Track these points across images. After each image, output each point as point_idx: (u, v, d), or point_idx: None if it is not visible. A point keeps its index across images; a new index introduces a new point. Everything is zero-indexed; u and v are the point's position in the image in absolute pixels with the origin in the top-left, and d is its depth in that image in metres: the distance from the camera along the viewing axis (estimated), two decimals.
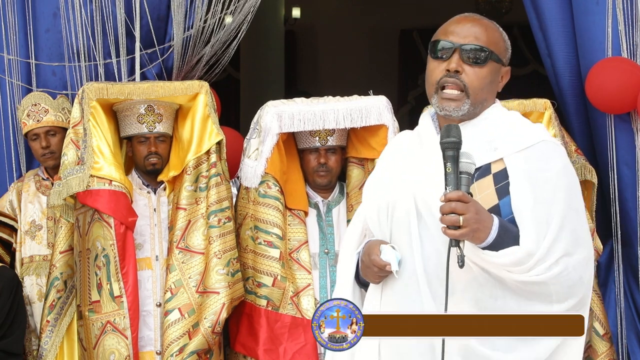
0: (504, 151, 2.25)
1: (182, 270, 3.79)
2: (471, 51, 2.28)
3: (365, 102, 3.90)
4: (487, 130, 2.30)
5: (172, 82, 4.04)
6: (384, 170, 2.46)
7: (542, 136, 2.30)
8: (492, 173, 2.24)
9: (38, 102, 4.26)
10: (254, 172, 3.88)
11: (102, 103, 3.88)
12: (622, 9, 4.15)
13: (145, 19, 4.47)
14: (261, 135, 3.89)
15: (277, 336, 3.77)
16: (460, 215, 2.05)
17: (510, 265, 2.13)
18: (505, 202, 2.20)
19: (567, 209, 2.19)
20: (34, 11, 4.54)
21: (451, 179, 2.10)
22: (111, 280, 3.73)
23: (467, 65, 2.27)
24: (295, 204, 3.92)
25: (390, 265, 2.24)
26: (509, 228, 2.16)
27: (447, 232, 2.07)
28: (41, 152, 4.24)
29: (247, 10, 4.57)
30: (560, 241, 2.15)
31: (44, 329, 3.91)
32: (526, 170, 2.21)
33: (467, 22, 2.33)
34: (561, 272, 2.13)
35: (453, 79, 2.27)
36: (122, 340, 3.73)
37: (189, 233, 3.83)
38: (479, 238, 2.11)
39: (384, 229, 2.36)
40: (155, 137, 3.91)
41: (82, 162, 3.77)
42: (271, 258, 3.81)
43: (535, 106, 3.98)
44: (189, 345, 3.72)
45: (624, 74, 4.04)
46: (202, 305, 3.76)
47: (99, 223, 3.77)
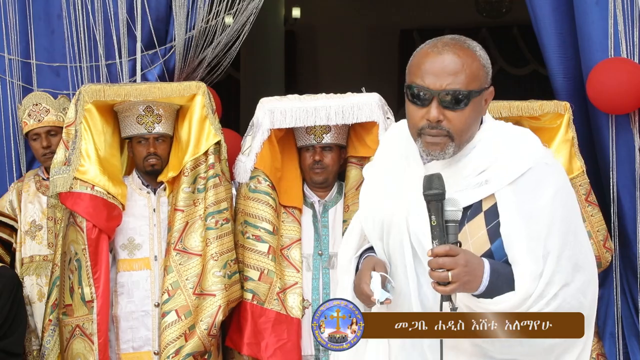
0: (494, 185, 2.16)
1: (179, 271, 3.79)
2: (449, 97, 2.12)
3: (357, 99, 3.91)
4: (476, 161, 2.20)
5: (169, 84, 4.04)
6: (380, 176, 2.38)
7: (530, 162, 2.18)
8: (483, 211, 2.17)
9: (39, 102, 4.26)
10: (244, 167, 3.90)
11: (102, 104, 3.88)
12: (621, 9, 4.15)
13: (146, 19, 4.48)
14: (254, 131, 3.92)
15: (260, 331, 3.78)
16: (448, 270, 2.00)
17: (507, 311, 2.08)
18: (498, 245, 2.14)
19: (565, 236, 2.12)
20: (38, 12, 4.55)
21: (437, 232, 2.04)
22: (82, 284, 3.74)
23: (448, 111, 2.13)
24: (288, 200, 3.94)
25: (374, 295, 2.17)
26: (501, 272, 2.10)
27: (437, 288, 2.02)
28: (42, 151, 4.24)
29: (249, 12, 4.58)
30: (559, 272, 2.09)
31: (46, 328, 3.92)
32: (516, 203, 2.13)
33: (442, 59, 2.13)
34: (560, 305, 2.09)
35: (435, 130, 2.14)
36: (88, 345, 3.72)
37: (186, 235, 3.83)
38: (471, 289, 2.06)
39: (379, 250, 2.33)
40: (155, 138, 3.91)
41: (68, 163, 3.78)
42: (259, 252, 3.83)
43: (557, 108, 4.02)
44: (185, 347, 3.72)
45: (625, 75, 4.05)
46: (198, 308, 3.76)
47: (73, 227, 3.78)
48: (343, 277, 2.42)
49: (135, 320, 3.85)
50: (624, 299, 4.28)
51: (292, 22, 11.34)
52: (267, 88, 9.85)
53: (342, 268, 2.43)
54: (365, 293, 2.19)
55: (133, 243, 3.90)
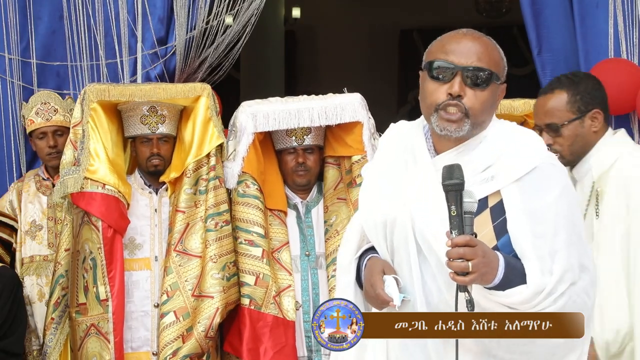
0: (500, 182, 2.18)
1: (178, 273, 3.79)
2: (474, 74, 2.18)
3: (340, 99, 3.91)
4: (483, 156, 2.23)
5: (174, 85, 4.05)
6: (381, 175, 2.38)
7: (537, 160, 2.20)
8: (489, 207, 2.19)
9: (48, 101, 4.26)
10: (231, 173, 3.89)
11: (106, 103, 3.89)
12: (621, 10, 4.16)
13: (147, 19, 4.48)
14: (237, 136, 3.90)
15: (259, 335, 3.77)
16: (468, 260, 2.01)
17: (518, 304, 2.10)
18: (504, 241, 2.16)
19: (570, 236, 2.14)
20: (38, 12, 4.55)
21: (456, 222, 2.04)
22: (97, 283, 3.75)
23: (469, 88, 2.18)
24: (274, 204, 3.93)
25: (393, 300, 2.20)
26: (514, 265, 2.12)
27: (456, 279, 2.02)
28: (47, 151, 4.24)
29: (250, 13, 4.57)
30: (569, 272, 2.12)
31: (49, 326, 3.92)
32: (522, 201, 2.15)
33: (467, 40, 2.21)
34: (566, 303, 2.11)
35: (455, 102, 2.18)
36: (104, 344, 3.73)
37: (187, 236, 3.83)
38: (487, 280, 2.07)
39: (383, 250, 2.32)
40: (158, 139, 3.91)
41: (77, 164, 3.78)
42: (253, 257, 3.82)
43: None
44: (182, 349, 3.73)
45: (622, 75, 4.05)
46: (196, 309, 3.77)
47: (87, 226, 3.79)
48: (343, 278, 2.42)
49: (134, 321, 3.85)
50: None
51: (292, 22, 11.33)
52: (267, 88, 9.85)
53: (342, 268, 2.43)
54: (382, 298, 2.21)
55: (134, 243, 3.90)
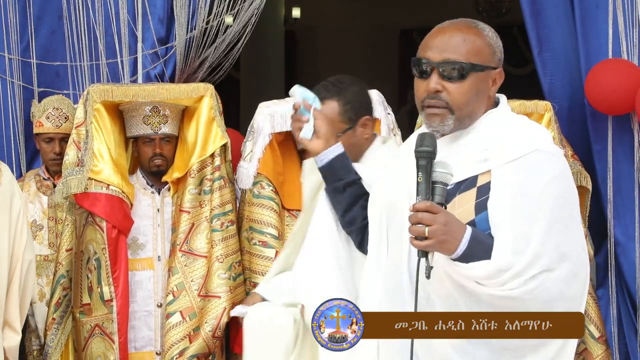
0: (493, 163, 2.18)
1: (184, 273, 3.79)
2: (448, 68, 2.19)
3: None
4: (480, 140, 2.23)
5: (177, 85, 4.04)
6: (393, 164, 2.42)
7: (537, 145, 2.19)
8: (477, 186, 2.18)
9: (60, 107, 4.26)
10: (246, 173, 3.89)
11: (108, 103, 3.89)
12: (621, 10, 4.16)
13: (147, 19, 4.48)
14: (254, 137, 3.90)
15: None
16: (426, 226, 2.02)
17: (480, 278, 2.08)
18: (482, 217, 2.15)
19: (553, 223, 2.11)
20: (38, 12, 4.55)
21: (422, 188, 2.06)
22: (102, 283, 3.75)
23: (447, 82, 2.20)
24: (292, 204, 3.92)
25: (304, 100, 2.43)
26: (483, 240, 2.11)
27: (413, 243, 2.04)
28: (52, 156, 4.26)
29: (250, 13, 4.58)
30: (542, 257, 2.08)
31: (50, 326, 3.92)
32: (512, 183, 2.14)
33: (444, 34, 2.22)
34: (537, 287, 2.07)
35: (434, 100, 2.20)
36: (109, 344, 3.74)
37: (192, 236, 3.83)
38: (448, 249, 2.06)
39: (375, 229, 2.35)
40: (161, 139, 3.91)
41: (81, 164, 3.78)
42: (266, 258, 3.82)
43: (537, 108, 3.99)
44: (189, 349, 3.73)
45: (622, 75, 4.06)
46: (203, 309, 3.77)
47: (92, 227, 3.79)
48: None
49: (137, 320, 3.86)
50: (623, 301, 4.29)
51: (292, 22, 11.34)
52: (267, 88, 9.86)
53: None
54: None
55: (136, 243, 3.90)
